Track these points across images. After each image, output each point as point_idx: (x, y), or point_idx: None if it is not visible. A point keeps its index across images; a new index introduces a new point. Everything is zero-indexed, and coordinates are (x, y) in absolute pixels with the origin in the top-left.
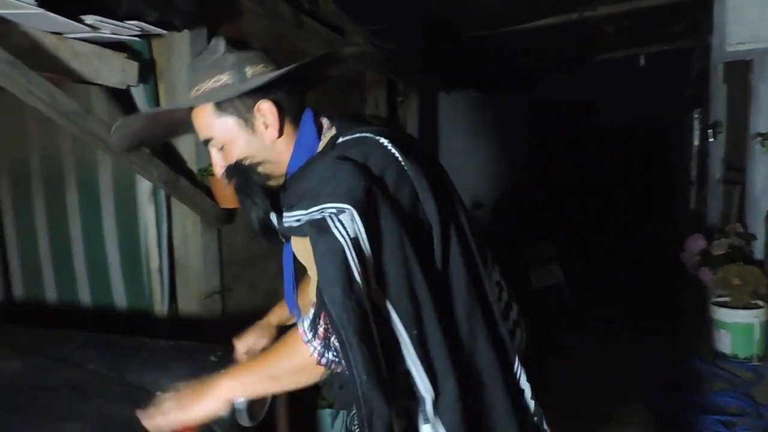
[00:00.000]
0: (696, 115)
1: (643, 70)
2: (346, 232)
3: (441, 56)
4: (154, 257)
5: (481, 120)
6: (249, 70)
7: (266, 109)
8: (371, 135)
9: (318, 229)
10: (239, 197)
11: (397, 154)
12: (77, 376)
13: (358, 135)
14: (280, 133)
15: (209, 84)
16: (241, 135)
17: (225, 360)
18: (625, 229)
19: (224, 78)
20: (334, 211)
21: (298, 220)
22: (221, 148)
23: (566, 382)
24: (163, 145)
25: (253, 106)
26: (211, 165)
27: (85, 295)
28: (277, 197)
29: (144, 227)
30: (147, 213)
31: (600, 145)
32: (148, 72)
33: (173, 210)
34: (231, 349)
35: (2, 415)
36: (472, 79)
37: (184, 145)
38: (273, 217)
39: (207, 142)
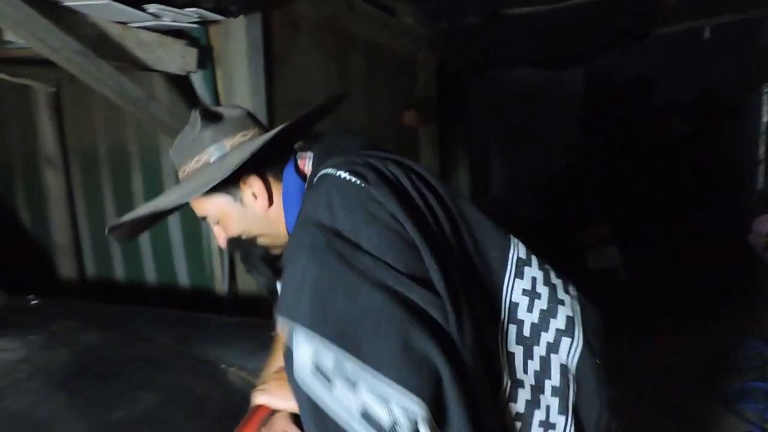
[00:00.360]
0: (765, 90)
1: (708, 44)
2: None
3: (491, 33)
4: (214, 238)
5: (534, 98)
6: (227, 143)
7: (251, 181)
8: (332, 172)
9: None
10: (245, 267)
11: (358, 182)
12: (148, 349)
13: (323, 172)
14: (270, 201)
15: (191, 165)
16: (233, 210)
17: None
18: (687, 210)
19: (204, 157)
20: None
21: None
22: (218, 223)
23: (620, 365)
24: None
25: (239, 181)
26: None
27: (150, 274)
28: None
29: None
30: None
31: (660, 124)
32: (206, 58)
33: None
34: None
35: (86, 383)
36: (524, 55)
37: None
38: (279, 284)
39: (204, 219)
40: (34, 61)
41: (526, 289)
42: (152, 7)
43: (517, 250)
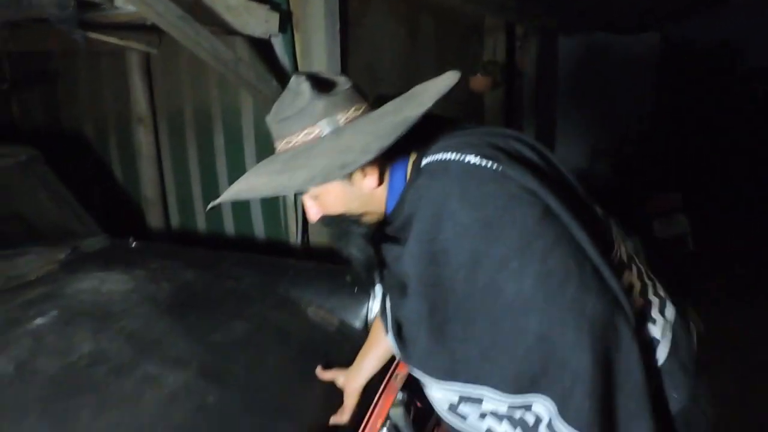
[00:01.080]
0: None
1: None
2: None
3: None
4: (290, 204)
5: (605, 63)
6: (341, 117)
7: (366, 169)
8: (455, 157)
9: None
10: (337, 246)
11: (490, 165)
12: (237, 287)
13: (441, 158)
14: (380, 181)
15: (299, 137)
16: (339, 188)
17: (357, 281)
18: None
19: (315, 131)
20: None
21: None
22: (316, 197)
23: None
24: None
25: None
26: None
27: (229, 226)
28: (377, 240)
29: None
30: None
31: (742, 91)
32: (286, 22)
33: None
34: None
35: (187, 311)
36: (596, 19)
37: None
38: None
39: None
40: (130, 27)
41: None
42: None
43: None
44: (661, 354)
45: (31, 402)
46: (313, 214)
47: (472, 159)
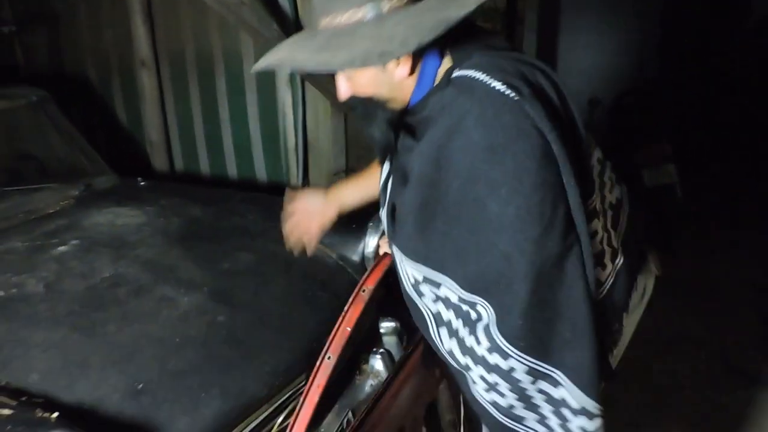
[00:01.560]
0: None
1: None
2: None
3: None
4: (291, 137)
5: (607, 8)
6: (385, 5)
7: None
8: (483, 79)
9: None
10: (362, 124)
11: (512, 95)
12: (242, 222)
13: (471, 75)
14: (412, 71)
15: (343, 18)
16: (372, 73)
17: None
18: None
19: (359, 14)
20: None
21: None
22: (349, 78)
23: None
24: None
25: None
26: None
27: (232, 169)
28: (396, 126)
29: (282, 110)
30: (285, 97)
31: (756, 41)
32: None
33: (307, 95)
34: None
35: (197, 243)
36: None
37: None
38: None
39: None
40: None
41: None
42: None
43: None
44: (607, 293)
45: (61, 316)
46: (343, 92)
47: (498, 85)
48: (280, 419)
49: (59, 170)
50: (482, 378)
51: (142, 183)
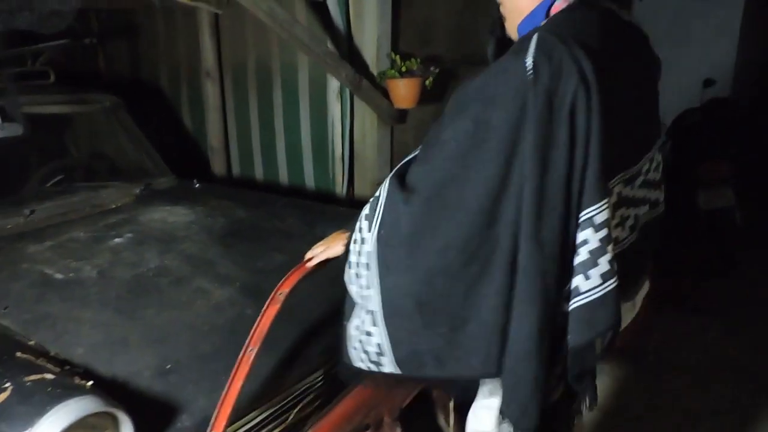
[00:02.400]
0: None
1: None
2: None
3: None
4: (338, 147)
5: (682, 21)
6: None
7: None
8: (555, 36)
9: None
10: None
11: (528, 75)
12: (282, 225)
13: (542, 33)
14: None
15: None
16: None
17: None
18: None
19: None
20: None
21: None
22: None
23: (724, 305)
24: (349, 50)
25: None
26: (389, 69)
27: (284, 175)
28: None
29: (331, 121)
30: (334, 109)
31: None
32: None
33: (355, 107)
34: None
35: (237, 241)
36: None
37: (366, 51)
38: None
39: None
40: None
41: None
42: None
43: None
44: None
45: (109, 299)
46: (497, 12)
47: (528, 60)
48: (294, 412)
49: (125, 170)
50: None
51: (197, 185)
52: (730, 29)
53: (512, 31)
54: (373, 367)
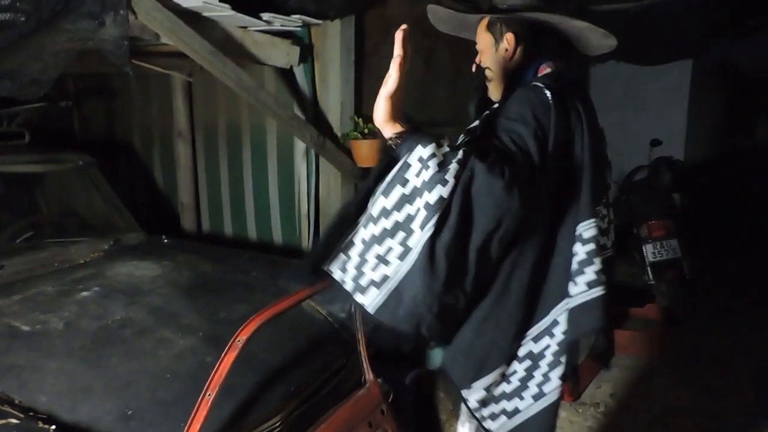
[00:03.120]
0: None
1: None
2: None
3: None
4: (304, 204)
5: (633, 87)
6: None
7: (509, 38)
8: (541, 85)
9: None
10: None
11: (551, 101)
12: (245, 278)
13: (537, 84)
14: (511, 59)
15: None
16: (489, 49)
17: None
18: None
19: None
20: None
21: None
22: (480, 52)
23: (674, 353)
24: (314, 113)
25: (504, 34)
26: (352, 130)
27: (252, 231)
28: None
29: (298, 180)
30: (301, 168)
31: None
32: (306, 54)
33: (321, 167)
34: None
35: (201, 294)
36: (623, 50)
37: (331, 114)
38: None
39: (475, 45)
40: (174, 54)
41: None
42: (266, 15)
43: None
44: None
45: (74, 349)
46: (476, 62)
47: (548, 93)
48: None
49: (95, 226)
50: None
51: (166, 240)
52: (680, 94)
53: (496, 91)
54: (350, 286)
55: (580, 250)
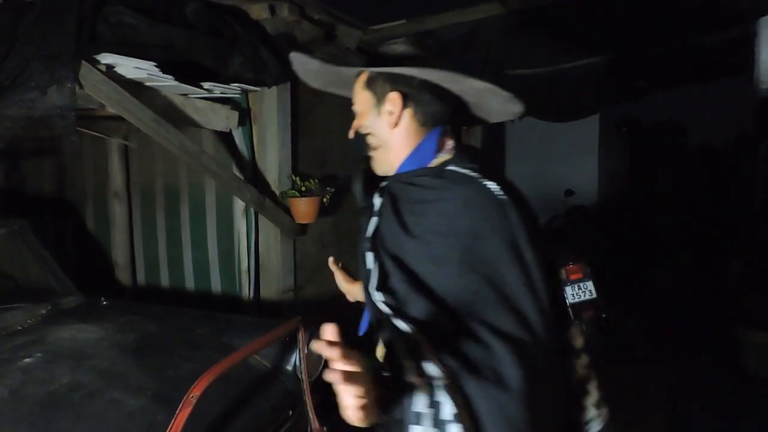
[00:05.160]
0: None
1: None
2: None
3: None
4: (244, 260)
5: (550, 144)
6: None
7: (394, 98)
8: (478, 177)
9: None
10: (353, 180)
11: (501, 198)
12: (189, 336)
13: (467, 172)
14: (396, 124)
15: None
16: (371, 111)
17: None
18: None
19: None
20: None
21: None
22: (358, 113)
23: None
24: (253, 173)
25: (387, 93)
26: (290, 189)
27: (190, 286)
28: (373, 181)
29: (237, 236)
30: (240, 225)
31: (686, 169)
32: (245, 118)
33: (260, 223)
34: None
35: (147, 354)
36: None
37: (269, 173)
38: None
39: (352, 104)
40: (111, 117)
41: None
42: (207, 84)
43: None
44: None
45: (22, 417)
46: (354, 126)
47: (489, 183)
48: None
49: (31, 291)
50: None
51: (105, 302)
52: (590, 146)
53: (383, 164)
54: None
55: None
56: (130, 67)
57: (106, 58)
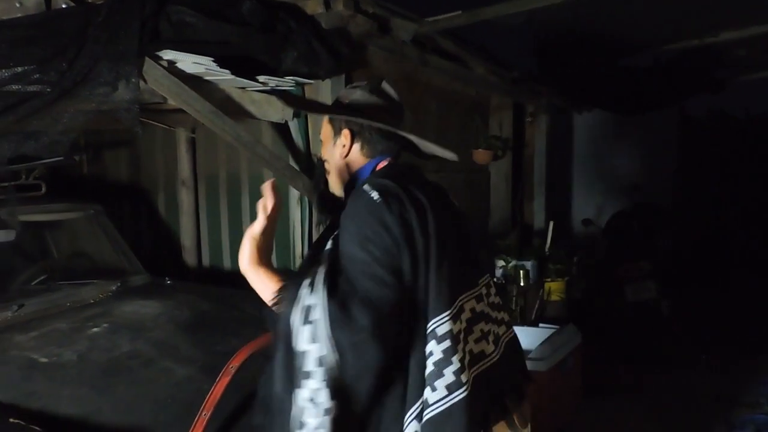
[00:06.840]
0: None
1: None
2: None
3: (566, 79)
4: (298, 245)
5: (619, 140)
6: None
7: (346, 134)
8: (367, 188)
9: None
10: (314, 191)
11: (381, 203)
12: (239, 315)
13: (367, 185)
14: (345, 156)
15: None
16: (328, 142)
17: None
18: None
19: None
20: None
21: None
22: (321, 142)
23: (647, 390)
24: (308, 163)
25: (342, 129)
26: None
27: None
28: (332, 202)
29: (292, 223)
30: (295, 213)
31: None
32: (299, 111)
33: (313, 213)
34: None
35: (199, 329)
36: (608, 100)
37: None
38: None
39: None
40: (179, 111)
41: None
42: (262, 78)
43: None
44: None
45: (86, 378)
46: (319, 154)
47: (374, 194)
48: None
49: (104, 269)
50: None
51: (168, 282)
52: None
53: (337, 186)
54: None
55: (436, 349)
56: (189, 62)
57: (167, 55)
